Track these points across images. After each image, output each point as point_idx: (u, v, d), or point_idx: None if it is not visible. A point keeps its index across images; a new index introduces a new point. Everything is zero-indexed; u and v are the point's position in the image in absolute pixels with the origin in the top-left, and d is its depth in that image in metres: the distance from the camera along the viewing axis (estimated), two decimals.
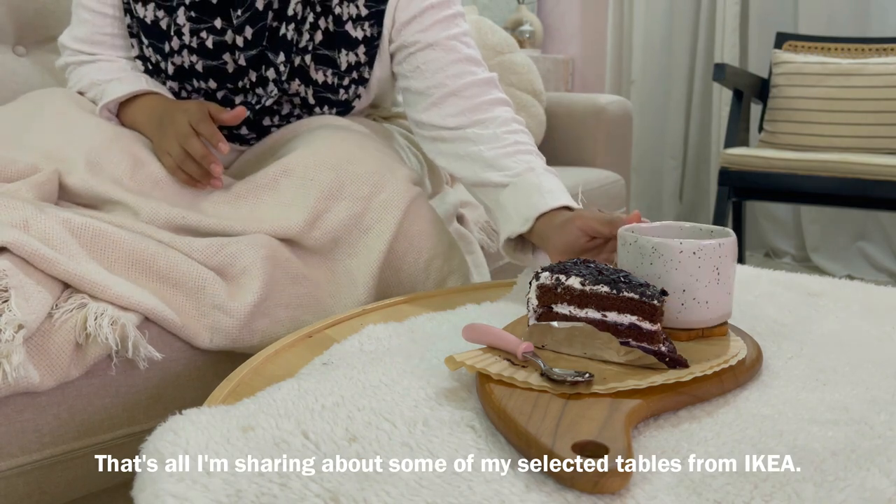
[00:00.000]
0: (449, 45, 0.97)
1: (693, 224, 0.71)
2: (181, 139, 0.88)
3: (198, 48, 0.97)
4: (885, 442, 0.50)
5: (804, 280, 0.91)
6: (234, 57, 0.98)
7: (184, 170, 0.89)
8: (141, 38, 1.00)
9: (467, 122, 0.95)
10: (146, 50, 1.00)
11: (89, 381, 0.71)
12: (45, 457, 0.69)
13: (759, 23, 2.82)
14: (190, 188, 0.91)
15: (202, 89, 1.01)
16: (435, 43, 0.97)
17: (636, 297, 0.58)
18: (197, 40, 0.96)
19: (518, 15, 3.19)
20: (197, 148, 0.87)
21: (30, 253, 0.69)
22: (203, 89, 1.01)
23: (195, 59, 0.97)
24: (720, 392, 0.57)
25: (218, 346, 0.78)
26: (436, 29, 0.97)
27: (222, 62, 0.98)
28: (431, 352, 0.66)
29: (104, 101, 0.96)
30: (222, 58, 0.98)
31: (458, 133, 0.95)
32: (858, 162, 2.00)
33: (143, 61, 1.02)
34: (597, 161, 1.93)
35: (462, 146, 0.95)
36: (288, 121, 1.04)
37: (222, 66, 0.98)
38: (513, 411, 0.50)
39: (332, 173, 0.88)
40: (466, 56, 0.98)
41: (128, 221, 0.82)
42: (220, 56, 0.98)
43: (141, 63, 1.02)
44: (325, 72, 1.00)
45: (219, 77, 0.99)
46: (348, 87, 1.02)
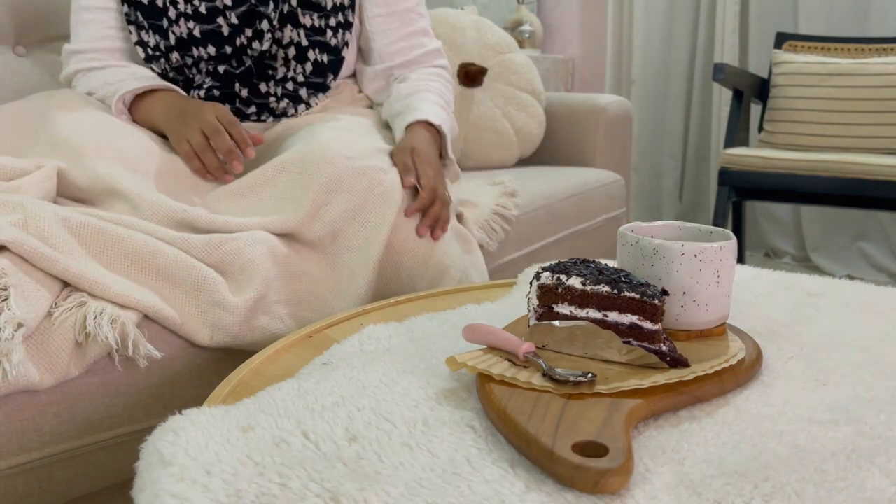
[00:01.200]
0: (407, 18, 1.20)
1: (693, 224, 0.71)
2: (209, 130, 0.94)
3: (193, 14, 1.03)
4: (885, 442, 0.50)
5: (804, 280, 0.91)
6: (226, 19, 1.05)
7: (202, 159, 0.94)
8: (139, 21, 1.04)
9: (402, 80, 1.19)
10: (144, 35, 1.05)
11: (89, 379, 0.71)
12: (45, 455, 0.69)
13: (759, 23, 2.82)
14: (194, 181, 0.94)
15: (202, 58, 1.06)
16: (394, 13, 1.19)
17: (637, 297, 0.58)
18: (191, 7, 1.04)
19: (518, 15, 3.19)
20: (225, 142, 0.94)
21: (29, 251, 0.69)
22: (204, 58, 1.06)
23: (192, 24, 1.04)
24: (720, 392, 0.57)
25: (218, 343, 0.78)
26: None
27: (217, 25, 1.05)
28: (431, 352, 0.66)
29: (120, 91, 0.99)
30: (216, 21, 1.04)
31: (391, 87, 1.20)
32: (858, 162, 2.00)
33: (143, 47, 1.06)
34: (597, 161, 1.93)
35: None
36: (284, 85, 1.11)
37: (217, 29, 1.04)
38: (513, 411, 0.50)
39: (330, 167, 0.89)
40: (421, 28, 1.22)
41: (127, 218, 0.81)
42: (214, 20, 1.04)
43: (141, 49, 1.06)
44: (312, 15, 1.10)
45: (216, 41, 1.05)
46: (336, 30, 1.13)
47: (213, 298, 0.77)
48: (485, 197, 1.33)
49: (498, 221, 1.28)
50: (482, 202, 1.30)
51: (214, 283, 0.78)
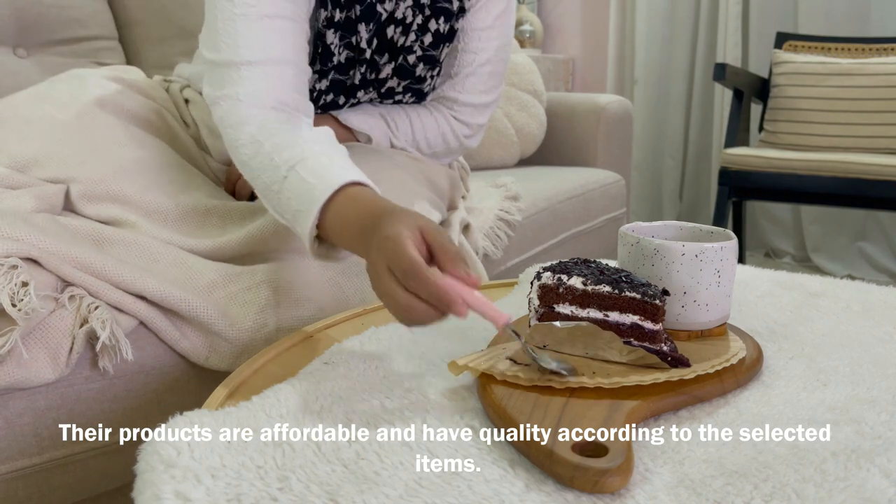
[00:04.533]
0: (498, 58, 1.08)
1: (693, 224, 0.71)
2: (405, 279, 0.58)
3: (336, 66, 0.97)
4: (885, 442, 0.50)
5: (804, 280, 0.91)
6: (361, 70, 0.98)
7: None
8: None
9: None
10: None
11: (88, 385, 0.71)
12: (45, 460, 0.69)
13: (760, 23, 2.82)
14: (212, 225, 0.88)
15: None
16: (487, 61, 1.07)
17: (638, 297, 0.58)
18: (344, 57, 0.97)
19: (518, 15, 3.19)
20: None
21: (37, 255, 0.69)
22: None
23: (332, 74, 0.97)
24: (720, 392, 0.57)
25: (213, 366, 0.77)
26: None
27: (348, 77, 0.99)
28: (432, 352, 0.66)
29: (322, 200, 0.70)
30: (349, 73, 0.99)
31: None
32: (858, 162, 2.00)
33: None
34: (597, 161, 1.93)
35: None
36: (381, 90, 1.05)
37: (347, 80, 0.99)
38: (513, 411, 0.50)
39: None
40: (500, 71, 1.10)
41: (130, 234, 0.82)
42: (348, 71, 0.98)
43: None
44: (426, 70, 1.03)
45: (338, 89, 1.00)
46: (433, 77, 1.05)
47: (212, 328, 0.76)
48: (488, 201, 1.33)
49: (502, 228, 1.28)
50: (485, 207, 1.30)
51: (214, 314, 0.77)
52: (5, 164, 0.85)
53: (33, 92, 0.95)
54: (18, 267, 0.66)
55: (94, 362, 0.71)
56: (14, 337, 0.63)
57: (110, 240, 0.80)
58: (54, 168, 0.85)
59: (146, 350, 0.74)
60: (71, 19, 1.36)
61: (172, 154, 0.95)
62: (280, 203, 0.74)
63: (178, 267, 0.79)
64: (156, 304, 0.75)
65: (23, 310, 0.63)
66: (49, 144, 0.87)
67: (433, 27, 1.00)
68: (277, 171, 0.74)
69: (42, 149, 0.87)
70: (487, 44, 1.06)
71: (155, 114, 1.00)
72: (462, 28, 1.05)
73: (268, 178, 0.75)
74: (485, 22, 1.06)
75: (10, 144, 0.87)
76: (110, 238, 0.80)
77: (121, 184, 0.85)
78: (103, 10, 1.45)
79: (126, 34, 1.51)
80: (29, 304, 0.64)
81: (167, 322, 0.75)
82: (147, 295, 0.74)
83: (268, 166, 0.75)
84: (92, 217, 0.85)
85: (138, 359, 0.73)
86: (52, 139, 0.88)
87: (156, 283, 0.74)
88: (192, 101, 1.06)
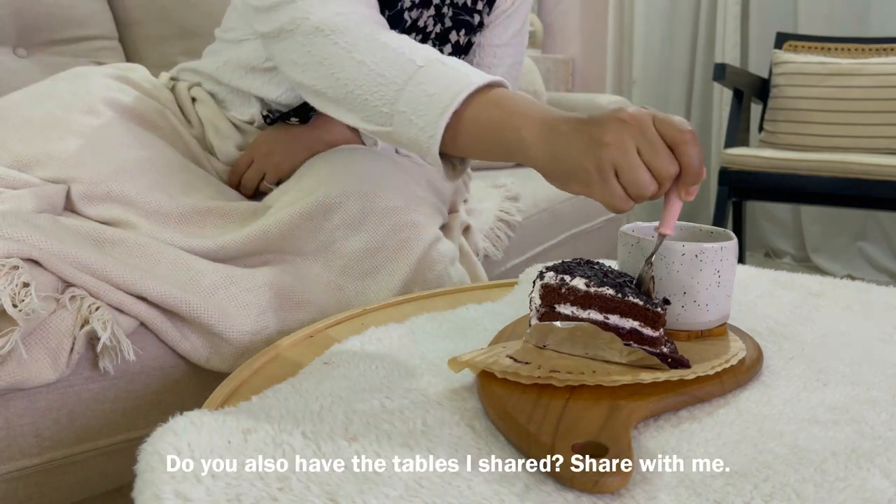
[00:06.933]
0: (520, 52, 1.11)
1: (693, 224, 0.71)
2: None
3: None
4: (885, 442, 0.50)
5: (804, 280, 0.91)
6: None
7: None
8: None
9: None
10: None
11: (88, 386, 0.71)
12: (45, 461, 0.69)
13: (760, 23, 2.82)
14: (219, 221, 0.89)
15: None
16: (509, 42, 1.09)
17: (640, 304, 0.58)
18: None
19: None
20: None
21: (38, 256, 0.69)
22: None
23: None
24: (720, 392, 0.57)
25: (214, 367, 0.77)
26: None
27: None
28: (432, 352, 0.66)
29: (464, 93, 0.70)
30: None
31: None
32: (858, 162, 2.00)
33: None
34: None
35: None
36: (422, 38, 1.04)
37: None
38: (513, 411, 0.50)
39: (359, 203, 0.88)
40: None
41: (131, 235, 0.82)
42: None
43: None
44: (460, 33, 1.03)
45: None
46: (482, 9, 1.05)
47: (212, 329, 0.77)
48: (487, 202, 1.33)
49: (502, 229, 1.28)
50: (485, 208, 1.29)
51: (216, 316, 0.77)
52: (6, 163, 0.84)
53: (34, 90, 0.95)
54: (19, 267, 0.66)
55: (94, 363, 0.71)
56: (14, 337, 0.63)
57: (111, 240, 0.80)
58: (55, 168, 0.85)
59: (147, 351, 0.74)
60: (71, 19, 1.36)
61: (174, 154, 0.95)
62: (401, 96, 0.71)
63: (179, 268, 0.79)
64: (156, 305, 0.75)
65: (23, 310, 0.63)
66: (50, 144, 0.87)
67: (453, 38, 1.02)
68: (410, 64, 0.71)
69: (43, 148, 0.86)
70: (501, 60, 1.09)
71: (158, 113, 1.00)
72: (479, 43, 1.07)
73: (391, 71, 0.72)
74: (501, 39, 1.08)
75: (11, 143, 0.86)
76: (111, 239, 0.80)
77: (122, 184, 0.85)
78: (103, 9, 1.45)
79: (126, 34, 1.51)
80: (30, 305, 0.64)
81: (168, 323, 0.75)
82: (148, 296, 0.74)
83: (394, 59, 0.72)
84: (93, 217, 0.84)
85: (139, 359, 0.73)
86: (53, 138, 0.87)
87: (157, 285, 0.74)
88: (200, 99, 1.06)
